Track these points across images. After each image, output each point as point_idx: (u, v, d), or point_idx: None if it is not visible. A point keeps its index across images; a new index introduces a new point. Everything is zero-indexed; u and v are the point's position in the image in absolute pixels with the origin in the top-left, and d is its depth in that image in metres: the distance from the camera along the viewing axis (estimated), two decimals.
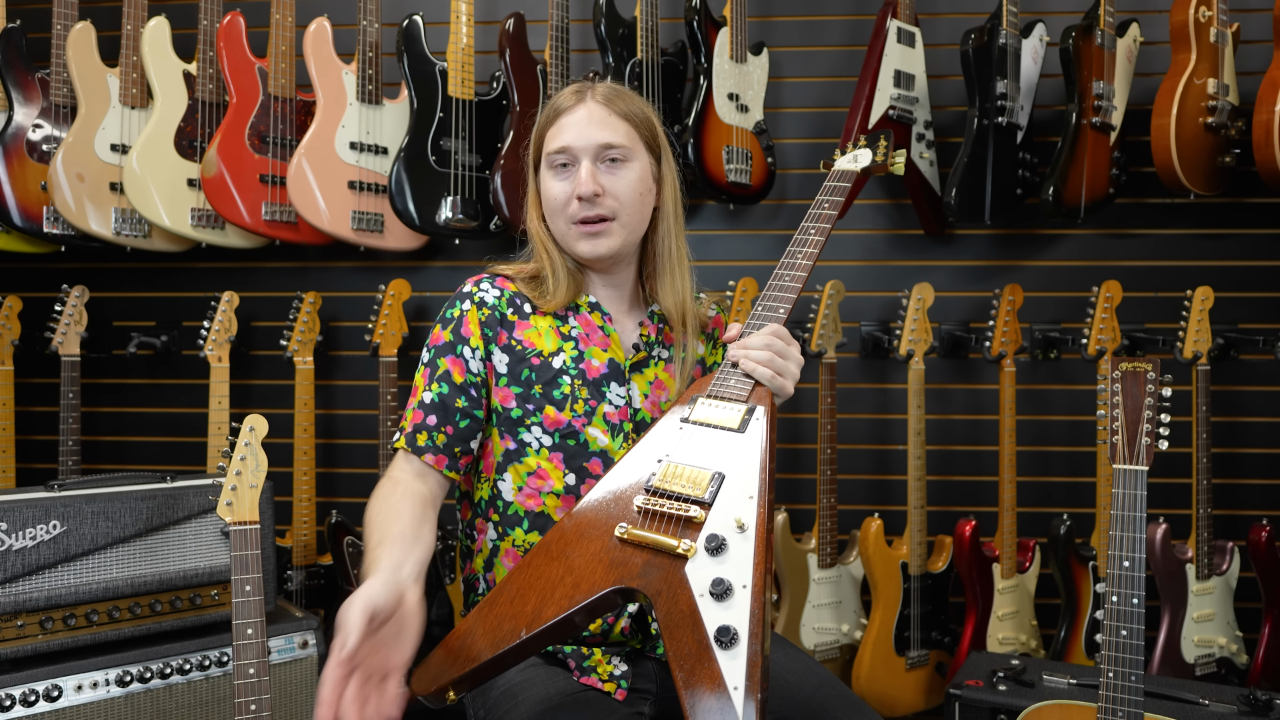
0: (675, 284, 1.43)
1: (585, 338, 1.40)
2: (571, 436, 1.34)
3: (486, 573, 1.39)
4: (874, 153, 1.53)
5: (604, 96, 1.38)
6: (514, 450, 1.35)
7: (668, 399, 1.42)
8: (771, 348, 1.25)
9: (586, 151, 1.35)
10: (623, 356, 1.41)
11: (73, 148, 2.33)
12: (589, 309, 1.42)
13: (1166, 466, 2.43)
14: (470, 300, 1.38)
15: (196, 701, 1.85)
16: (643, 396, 1.41)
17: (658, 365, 1.44)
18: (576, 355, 1.38)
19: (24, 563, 1.75)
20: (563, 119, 1.37)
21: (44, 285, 2.61)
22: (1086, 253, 2.58)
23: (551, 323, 1.40)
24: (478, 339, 1.36)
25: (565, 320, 1.40)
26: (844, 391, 2.55)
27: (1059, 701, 1.76)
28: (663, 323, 1.45)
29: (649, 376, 1.43)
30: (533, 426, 1.35)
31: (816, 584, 2.37)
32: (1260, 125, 2.26)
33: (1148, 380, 1.53)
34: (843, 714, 1.28)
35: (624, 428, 1.37)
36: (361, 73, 2.38)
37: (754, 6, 2.57)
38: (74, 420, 2.40)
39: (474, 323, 1.36)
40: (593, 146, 1.35)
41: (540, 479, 1.34)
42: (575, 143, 1.35)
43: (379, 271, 2.65)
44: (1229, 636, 2.30)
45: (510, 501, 1.36)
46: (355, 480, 2.66)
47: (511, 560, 1.36)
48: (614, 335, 1.41)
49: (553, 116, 1.39)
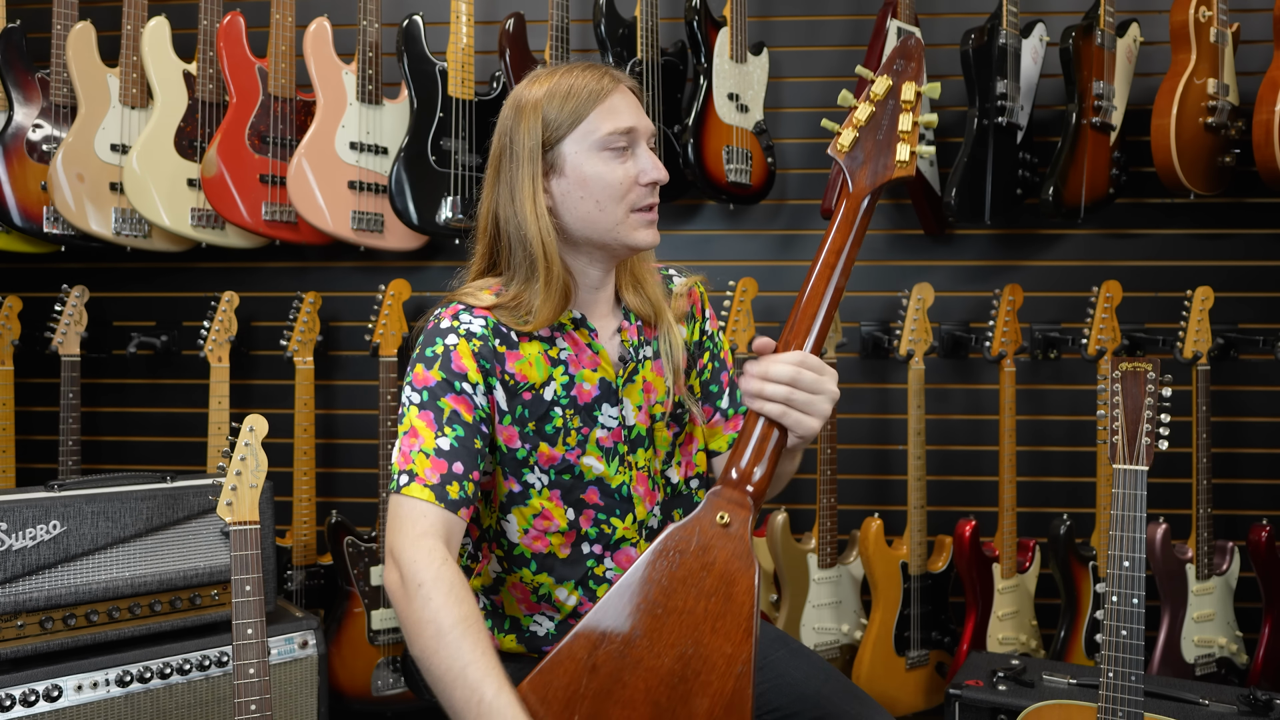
0: (648, 278, 1.37)
1: (574, 359, 1.30)
2: (567, 470, 1.28)
3: (491, 595, 1.36)
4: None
5: (630, 84, 1.31)
6: (518, 493, 1.28)
7: (656, 400, 1.35)
8: (799, 382, 1.10)
9: (646, 134, 1.28)
10: (613, 374, 1.32)
11: (73, 148, 2.33)
12: (573, 326, 1.31)
13: (1166, 466, 2.43)
14: (455, 334, 1.24)
15: (196, 702, 1.85)
16: (636, 410, 1.33)
17: (645, 367, 1.36)
18: (567, 381, 1.29)
19: (24, 563, 1.75)
20: (613, 99, 1.27)
21: (44, 285, 2.61)
22: (1086, 253, 2.58)
23: (540, 347, 1.28)
24: (475, 373, 1.22)
25: (553, 343, 1.29)
26: (844, 391, 2.52)
27: (1059, 701, 1.76)
28: (640, 320, 1.38)
29: (639, 385, 1.35)
30: (534, 467, 1.28)
31: (816, 584, 2.37)
32: (1260, 125, 2.26)
33: (1148, 380, 1.53)
34: (849, 708, 1.28)
35: (619, 450, 1.31)
36: (361, 73, 2.38)
37: (754, 6, 2.57)
38: (74, 420, 2.40)
39: (467, 355, 1.22)
40: (650, 130, 1.29)
41: (545, 519, 1.29)
42: (639, 124, 1.27)
43: (379, 271, 2.65)
44: (1229, 636, 2.30)
45: (516, 543, 1.30)
46: (355, 480, 2.66)
47: (520, 593, 1.32)
48: (603, 352, 1.32)
49: (596, 96, 1.26)
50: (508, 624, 1.35)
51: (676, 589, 1.08)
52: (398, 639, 2.38)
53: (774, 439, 1.13)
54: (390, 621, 2.37)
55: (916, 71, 1.18)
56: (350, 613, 2.36)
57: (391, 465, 1.21)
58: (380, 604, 2.37)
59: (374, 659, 2.37)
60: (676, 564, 1.09)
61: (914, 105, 1.17)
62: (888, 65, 1.19)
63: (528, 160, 1.27)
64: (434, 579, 1.10)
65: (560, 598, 1.32)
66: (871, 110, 1.18)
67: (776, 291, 2.59)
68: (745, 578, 1.08)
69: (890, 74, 1.19)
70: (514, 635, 1.35)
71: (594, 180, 1.25)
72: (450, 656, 1.07)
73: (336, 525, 2.35)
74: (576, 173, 1.26)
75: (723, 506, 1.11)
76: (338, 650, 2.34)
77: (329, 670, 2.16)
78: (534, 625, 1.34)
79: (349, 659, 2.35)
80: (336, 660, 2.33)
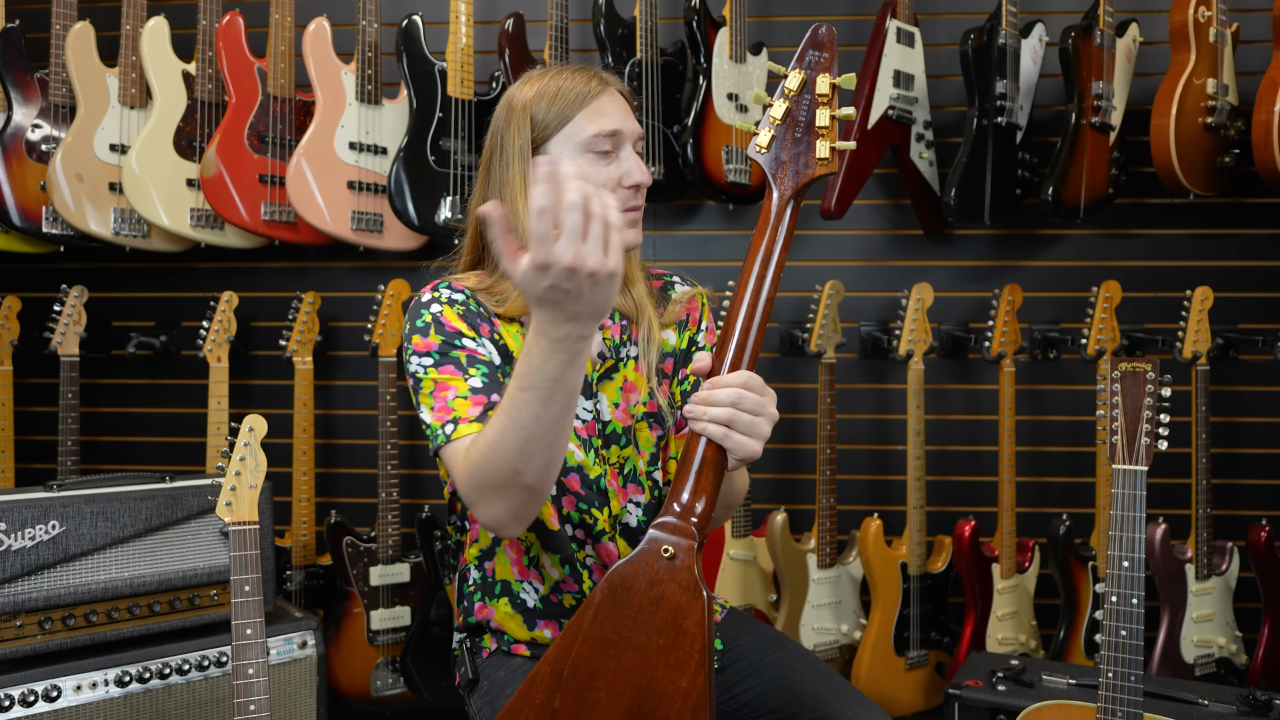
0: (634, 277, 1.38)
1: None
2: None
3: (485, 562, 1.37)
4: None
5: (620, 87, 1.34)
6: None
7: (638, 401, 1.36)
8: (740, 404, 1.08)
9: (632, 137, 1.31)
10: (589, 366, 1.33)
11: (72, 148, 2.33)
12: None
13: (1166, 466, 2.43)
14: (437, 303, 1.28)
15: (195, 702, 1.85)
16: (612, 407, 1.34)
17: (627, 366, 1.37)
18: None
19: (23, 563, 1.75)
20: (600, 101, 1.29)
21: (43, 285, 2.61)
22: (1086, 253, 2.58)
23: (518, 328, 1.32)
24: (469, 330, 1.26)
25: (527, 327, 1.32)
26: (843, 391, 2.55)
27: (1058, 701, 1.76)
28: (624, 319, 1.39)
29: (618, 383, 1.36)
30: None
31: (816, 584, 2.37)
32: (1260, 125, 2.26)
33: (1147, 380, 1.53)
34: (847, 709, 1.28)
35: (593, 443, 1.33)
36: (361, 73, 2.38)
37: (753, 6, 2.57)
38: (73, 420, 2.40)
39: (455, 318, 1.26)
40: (636, 133, 1.32)
41: None
42: (625, 127, 1.30)
43: (378, 271, 2.65)
44: (1228, 637, 2.30)
45: None
46: (355, 480, 2.66)
47: (515, 550, 1.34)
48: None
49: (584, 98, 1.29)
50: (498, 589, 1.36)
51: (627, 626, 1.07)
52: (397, 639, 2.38)
53: (715, 463, 1.10)
54: (389, 622, 2.37)
55: (830, 63, 1.15)
56: (349, 613, 2.36)
57: (430, 427, 1.20)
58: (379, 604, 2.37)
59: (373, 659, 2.37)
60: (625, 601, 1.08)
61: (830, 99, 1.14)
62: (800, 58, 1.16)
63: (517, 159, 1.30)
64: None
65: (546, 565, 1.33)
66: (787, 106, 1.15)
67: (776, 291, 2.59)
68: (694, 609, 1.06)
69: (803, 67, 1.15)
70: (505, 599, 1.36)
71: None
72: (505, 421, 1.06)
73: (336, 525, 2.35)
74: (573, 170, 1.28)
75: (666, 540, 1.09)
76: (337, 650, 2.34)
77: (328, 670, 2.16)
78: (523, 593, 1.35)
79: (348, 659, 2.35)
80: (336, 660, 2.33)
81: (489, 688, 1.34)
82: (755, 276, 1.14)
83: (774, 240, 1.15)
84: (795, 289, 2.58)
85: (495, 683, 1.33)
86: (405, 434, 2.48)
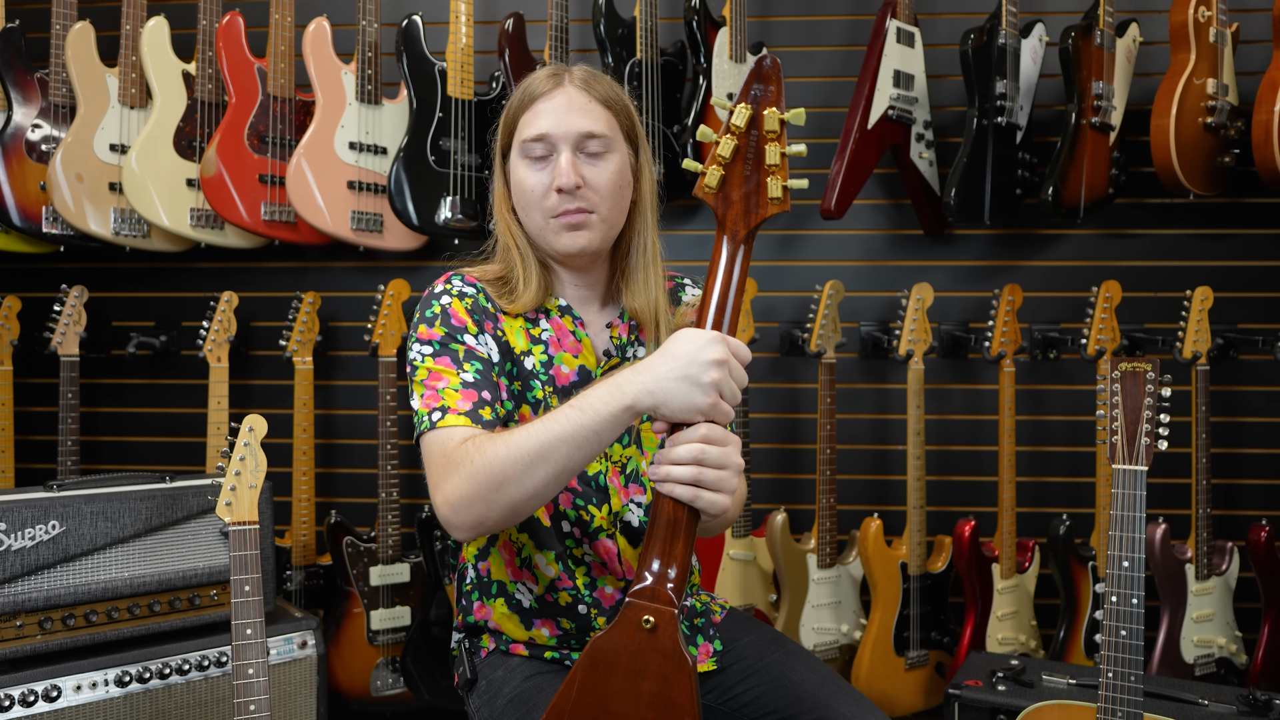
0: (648, 283, 1.35)
1: (556, 342, 1.33)
2: None
3: (480, 562, 1.38)
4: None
5: (582, 80, 1.30)
6: None
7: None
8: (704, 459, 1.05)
9: (567, 140, 1.27)
10: (594, 363, 1.34)
11: (72, 148, 2.33)
12: (559, 313, 1.34)
13: (1166, 466, 2.43)
14: (448, 295, 1.28)
15: (195, 702, 1.85)
16: None
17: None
18: (546, 360, 1.32)
19: (23, 563, 1.75)
20: (539, 104, 1.28)
21: (43, 285, 2.61)
22: (1086, 253, 2.58)
23: (522, 324, 1.33)
24: (473, 325, 1.27)
25: (535, 323, 1.33)
26: (843, 392, 2.55)
27: (1058, 701, 1.76)
28: (632, 320, 1.38)
29: None
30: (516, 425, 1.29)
31: (816, 584, 2.37)
32: (1260, 125, 2.26)
33: (1147, 380, 1.53)
34: (847, 710, 1.28)
35: None
36: (361, 73, 2.38)
37: (753, 6, 2.57)
38: (73, 420, 2.40)
39: (462, 311, 1.27)
40: (573, 135, 1.27)
41: None
42: (554, 130, 1.27)
43: (378, 271, 2.65)
44: (1228, 637, 2.30)
45: None
46: (355, 480, 2.66)
47: (508, 552, 1.35)
48: (586, 341, 1.34)
49: (527, 101, 1.29)
50: (494, 589, 1.37)
51: (614, 702, 1.06)
52: (397, 639, 2.38)
53: (686, 523, 1.07)
54: (389, 622, 2.37)
55: (777, 96, 1.09)
56: (349, 613, 2.36)
57: (417, 413, 1.22)
58: (379, 604, 2.37)
59: (373, 659, 2.37)
60: (609, 677, 1.06)
61: (779, 135, 1.09)
62: (744, 92, 1.09)
63: (499, 161, 1.36)
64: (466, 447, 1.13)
65: (540, 565, 1.33)
66: (735, 144, 1.09)
67: (776, 291, 2.59)
68: (681, 679, 1.05)
69: (748, 101, 1.09)
70: (502, 600, 1.37)
71: (519, 185, 1.31)
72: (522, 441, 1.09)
73: (336, 525, 2.35)
74: (514, 177, 1.32)
75: (645, 610, 1.06)
76: (337, 650, 2.34)
77: (328, 670, 2.16)
78: (518, 594, 1.36)
79: (348, 659, 2.35)
80: (336, 660, 2.33)
81: (487, 687, 1.34)
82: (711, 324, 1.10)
83: (728, 284, 1.10)
84: (795, 289, 2.58)
85: (494, 682, 1.34)
86: (405, 434, 2.48)
